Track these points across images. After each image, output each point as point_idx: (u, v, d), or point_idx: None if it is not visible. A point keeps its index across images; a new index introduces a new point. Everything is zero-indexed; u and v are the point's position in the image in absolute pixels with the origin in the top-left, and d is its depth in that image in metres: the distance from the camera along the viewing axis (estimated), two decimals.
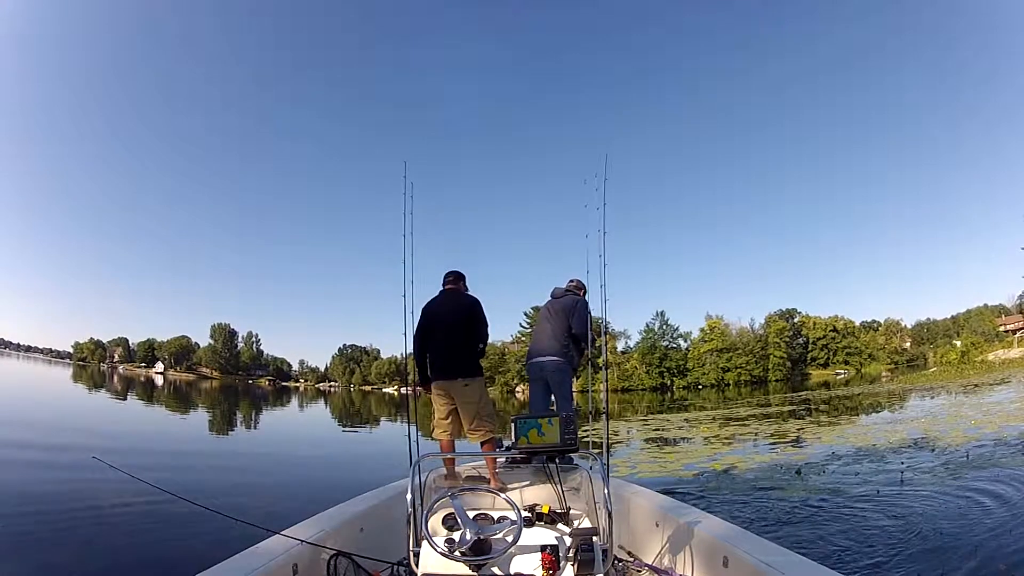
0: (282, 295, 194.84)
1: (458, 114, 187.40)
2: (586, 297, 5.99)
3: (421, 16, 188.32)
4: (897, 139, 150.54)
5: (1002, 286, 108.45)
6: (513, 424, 3.34)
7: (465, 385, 4.70)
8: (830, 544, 6.42)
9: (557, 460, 3.71)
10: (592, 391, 6.51)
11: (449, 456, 4.58)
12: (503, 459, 4.60)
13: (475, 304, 4.93)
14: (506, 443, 4.59)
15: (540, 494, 3.89)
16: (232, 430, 26.20)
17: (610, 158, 4.74)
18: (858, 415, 23.68)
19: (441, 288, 5.04)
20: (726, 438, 17.59)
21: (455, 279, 5.06)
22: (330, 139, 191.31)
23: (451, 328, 4.76)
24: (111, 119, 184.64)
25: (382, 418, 38.12)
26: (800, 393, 45.73)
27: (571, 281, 6.16)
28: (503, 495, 3.35)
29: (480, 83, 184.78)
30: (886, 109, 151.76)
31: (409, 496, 3.16)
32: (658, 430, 21.14)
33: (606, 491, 3.14)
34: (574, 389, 5.97)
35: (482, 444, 4.68)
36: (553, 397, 5.75)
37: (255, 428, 28.37)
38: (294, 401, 63.78)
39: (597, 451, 4.06)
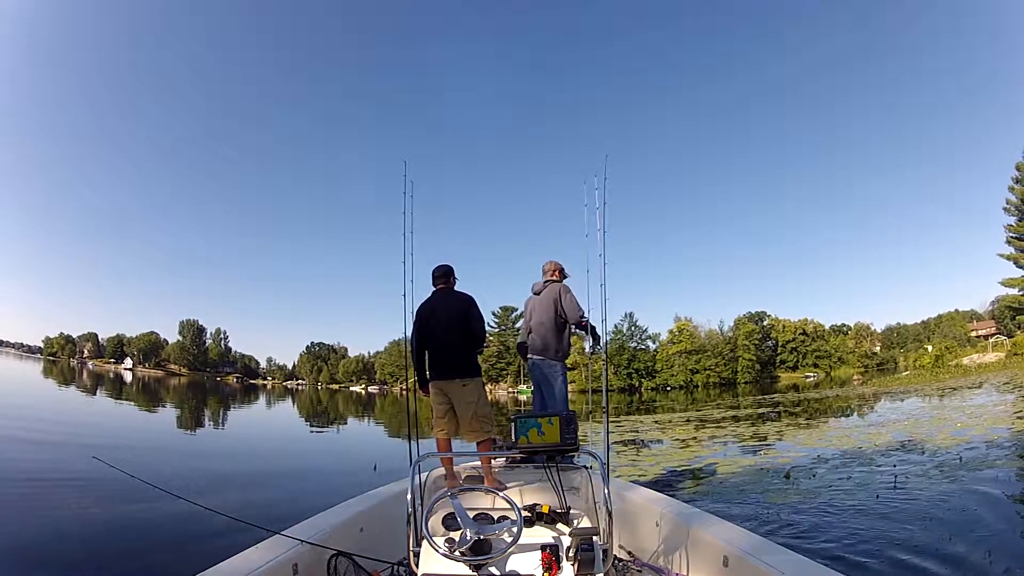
0: (251, 292, 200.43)
1: (457, 113, 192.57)
2: (565, 277, 6.14)
3: (421, 16, 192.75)
4: (871, 144, 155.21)
5: (974, 292, 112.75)
6: (513, 424, 3.45)
7: (463, 385, 4.86)
8: (830, 546, 6.41)
9: (557, 460, 3.74)
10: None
11: (448, 456, 4.67)
12: (503, 459, 4.78)
13: (471, 302, 5.04)
14: (500, 442, 4.95)
15: (540, 494, 3.93)
16: (202, 428, 26.85)
17: (602, 158, 4.98)
18: (836, 418, 24.16)
19: (432, 286, 5.13)
20: (703, 440, 17.56)
21: (444, 274, 5.12)
22: (317, 138, 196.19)
23: (448, 328, 4.89)
24: (96, 116, 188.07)
25: (350, 417, 39.78)
26: (771, 396, 46.61)
27: (545, 268, 6.21)
28: (503, 495, 3.37)
29: (480, 83, 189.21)
30: (864, 113, 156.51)
31: (409, 496, 3.20)
32: (632, 432, 21.02)
33: (606, 491, 3.20)
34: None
35: (479, 444, 4.82)
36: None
37: (236, 427, 29.28)
38: (263, 399, 65.46)
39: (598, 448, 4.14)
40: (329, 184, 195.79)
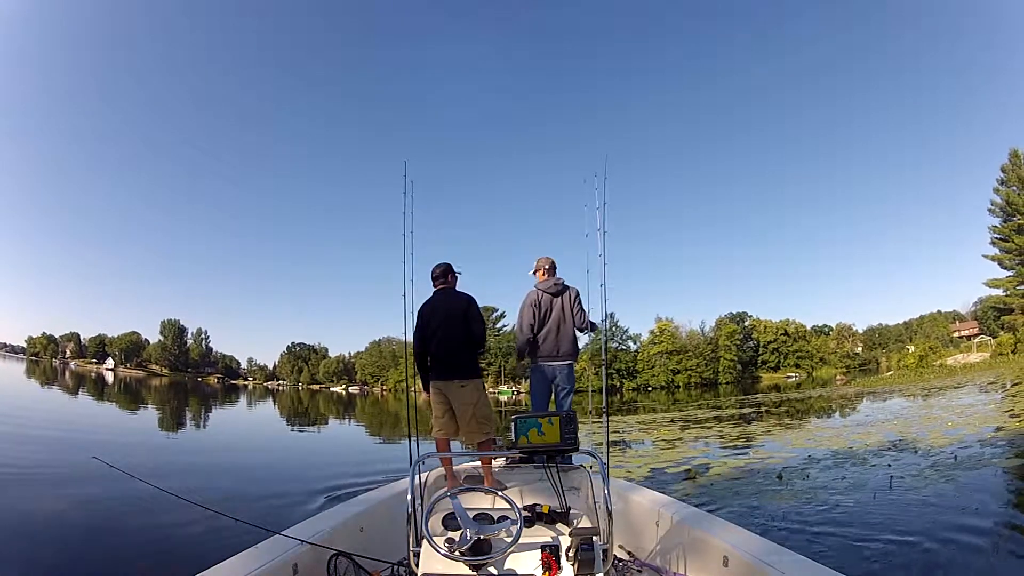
0: (233, 292, 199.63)
1: (456, 114, 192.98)
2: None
3: (421, 15, 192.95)
4: (855, 146, 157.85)
5: (956, 293, 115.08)
6: (513, 423, 3.46)
7: (461, 386, 4.92)
8: (830, 547, 6.41)
9: (557, 460, 3.72)
10: None
11: (448, 456, 4.81)
12: (503, 459, 4.88)
13: (470, 303, 5.13)
14: (500, 442, 5.12)
15: (540, 494, 3.97)
16: (191, 429, 27.11)
17: (604, 158, 5.08)
18: (822, 418, 24.44)
19: (433, 287, 5.23)
20: (689, 441, 17.52)
21: (443, 273, 5.20)
22: (309, 137, 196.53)
23: (448, 328, 4.98)
24: (81, 114, 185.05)
25: (337, 417, 41.06)
26: (753, 396, 47.00)
27: (546, 267, 6.16)
28: (503, 495, 3.38)
29: (480, 83, 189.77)
30: (848, 115, 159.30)
31: (409, 496, 3.22)
32: (615, 433, 20.84)
33: (606, 491, 3.23)
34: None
35: (479, 444, 4.89)
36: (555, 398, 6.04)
37: (223, 428, 29.74)
38: (244, 400, 66.16)
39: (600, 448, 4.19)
40: (317, 185, 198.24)
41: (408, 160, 5.52)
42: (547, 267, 6.15)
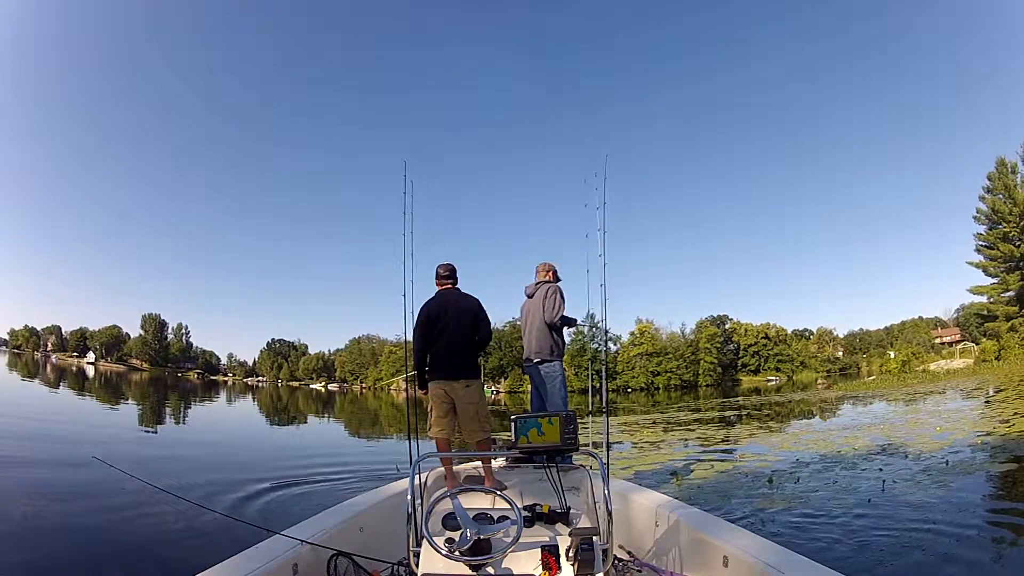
0: (214, 287, 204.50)
1: (457, 113, 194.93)
2: (558, 278, 6.33)
3: (421, 15, 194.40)
4: (839, 149, 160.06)
5: (939, 299, 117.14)
6: (513, 423, 3.53)
7: (466, 386, 5.02)
8: (830, 549, 6.42)
9: (557, 460, 3.83)
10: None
11: (448, 456, 4.87)
12: (503, 459, 4.97)
13: (478, 304, 5.25)
14: (500, 443, 5.19)
15: (540, 494, 4.00)
16: (184, 427, 27.51)
17: (605, 158, 5.29)
18: (807, 421, 24.63)
19: (436, 286, 5.32)
20: (674, 443, 17.49)
21: (451, 273, 5.31)
22: (303, 136, 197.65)
23: (455, 329, 5.07)
24: (67, 109, 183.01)
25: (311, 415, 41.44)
26: (735, 399, 47.47)
27: (538, 269, 6.38)
28: (502, 495, 3.46)
29: (480, 82, 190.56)
30: (835, 118, 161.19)
31: (409, 496, 3.31)
32: (598, 434, 20.61)
33: (606, 491, 3.30)
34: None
35: (478, 443, 5.01)
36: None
37: (214, 426, 29.94)
38: (223, 396, 67.11)
39: (598, 450, 4.32)
40: (310, 184, 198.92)
41: (408, 160, 5.75)
42: (538, 269, 6.30)
